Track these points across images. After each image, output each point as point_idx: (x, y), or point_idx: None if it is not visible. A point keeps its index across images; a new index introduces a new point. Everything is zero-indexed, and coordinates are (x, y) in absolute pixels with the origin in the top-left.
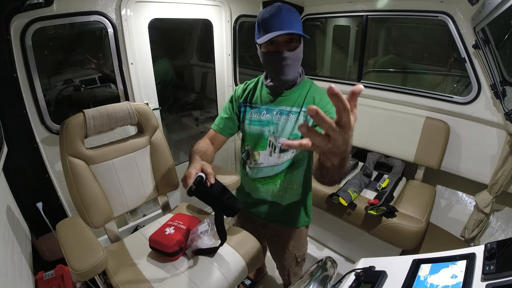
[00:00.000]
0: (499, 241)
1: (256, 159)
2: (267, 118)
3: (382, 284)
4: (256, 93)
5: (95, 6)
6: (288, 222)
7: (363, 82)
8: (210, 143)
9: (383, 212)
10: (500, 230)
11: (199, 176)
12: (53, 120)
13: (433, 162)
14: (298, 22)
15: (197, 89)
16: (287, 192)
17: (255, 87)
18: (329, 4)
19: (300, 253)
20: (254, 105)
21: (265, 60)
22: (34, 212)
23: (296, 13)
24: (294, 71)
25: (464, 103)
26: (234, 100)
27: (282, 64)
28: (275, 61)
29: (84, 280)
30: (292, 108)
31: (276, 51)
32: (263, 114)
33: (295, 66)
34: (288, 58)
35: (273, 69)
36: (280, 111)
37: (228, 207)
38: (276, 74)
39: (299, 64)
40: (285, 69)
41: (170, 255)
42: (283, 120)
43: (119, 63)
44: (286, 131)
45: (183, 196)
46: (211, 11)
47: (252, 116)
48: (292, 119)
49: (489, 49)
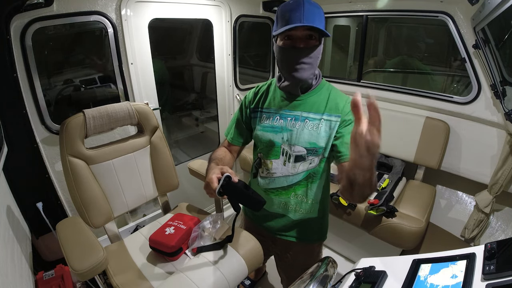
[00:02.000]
0: (499, 241)
1: (268, 167)
2: (280, 124)
3: (382, 284)
4: (268, 97)
5: (95, 6)
6: (300, 237)
7: (363, 82)
8: (228, 151)
9: (383, 212)
10: (500, 230)
11: (227, 176)
12: (53, 120)
13: (433, 162)
14: (321, 19)
15: (197, 89)
16: (302, 207)
17: (267, 90)
18: (329, 4)
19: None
20: (266, 110)
21: (279, 55)
22: (34, 212)
23: (320, 9)
24: (310, 71)
25: (464, 103)
26: (245, 107)
27: (298, 61)
28: (290, 57)
29: (84, 280)
30: (309, 114)
31: (292, 46)
32: (276, 120)
33: (312, 67)
34: (305, 55)
35: (287, 65)
36: (295, 116)
37: (256, 201)
38: (289, 72)
39: (316, 65)
40: (299, 66)
41: (170, 255)
42: (299, 126)
43: (119, 63)
44: (302, 138)
45: (183, 196)
46: (211, 11)
47: (263, 122)
48: (309, 126)
49: (489, 49)
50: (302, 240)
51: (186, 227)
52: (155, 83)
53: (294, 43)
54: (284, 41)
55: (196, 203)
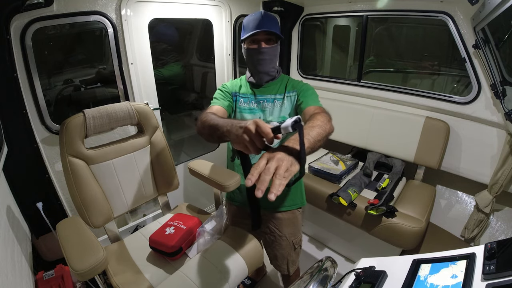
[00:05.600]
0: (499, 241)
1: None
2: (255, 107)
3: (382, 284)
4: (242, 87)
5: (95, 6)
6: (281, 205)
7: (363, 82)
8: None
9: (383, 212)
10: (500, 230)
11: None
12: (53, 120)
13: (433, 162)
14: (276, 25)
15: (197, 89)
16: None
17: (240, 82)
18: (329, 4)
19: (296, 239)
20: (243, 95)
21: (247, 56)
22: (34, 212)
23: (275, 18)
24: (271, 65)
25: (464, 103)
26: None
27: (260, 58)
28: (255, 55)
29: (84, 280)
30: (276, 95)
31: (256, 47)
32: (252, 103)
33: (272, 61)
34: (266, 53)
35: (253, 62)
36: (266, 99)
37: None
38: (255, 67)
39: (275, 60)
40: (263, 62)
41: (170, 255)
42: (270, 106)
43: (119, 63)
44: (274, 115)
45: (183, 196)
46: (211, 11)
47: (242, 105)
48: (278, 104)
49: (489, 49)
50: (285, 208)
51: (186, 227)
52: (154, 82)
53: (258, 44)
54: (250, 44)
55: (196, 203)
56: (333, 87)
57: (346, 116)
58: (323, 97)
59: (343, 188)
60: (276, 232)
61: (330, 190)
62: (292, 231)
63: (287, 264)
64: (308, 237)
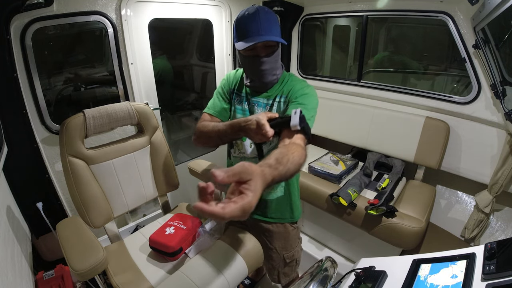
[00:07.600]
0: (499, 241)
1: (239, 148)
2: (247, 108)
3: (382, 284)
4: (239, 83)
5: (95, 6)
6: (272, 216)
7: (363, 82)
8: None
9: (383, 212)
10: (500, 230)
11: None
12: (53, 120)
13: (433, 162)
14: (276, 26)
15: (197, 89)
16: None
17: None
18: (329, 4)
19: (288, 254)
20: (238, 93)
21: (244, 63)
22: (34, 212)
23: (274, 16)
24: (272, 73)
25: (464, 103)
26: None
27: (261, 68)
28: (254, 65)
29: (84, 280)
30: (269, 100)
31: (255, 56)
32: (246, 104)
33: (273, 69)
34: (267, 63)
35: (252, 72)
36: (257, 103)
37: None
38: (254, 76)
39: (277, 65)
40: (264, 73)
41: (170, 255)
42: (259, 111)
43: (119, 63)
44: None
45: (183, 196)
46: (211, 11)
47: (237, 104)
48: (267, 109)
49: (489, 49)
50: (275, 220)
51: (186, 227)
52: (154, 82)
53: (256, 52)
54: (247, 52)
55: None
56: (333, 87)
57: (346, 116)
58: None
59: (343, 188)
60: (267, 244)
61: (330, 190)
62: (283, 245)
63: (277, 275)
64: (308, 237)
